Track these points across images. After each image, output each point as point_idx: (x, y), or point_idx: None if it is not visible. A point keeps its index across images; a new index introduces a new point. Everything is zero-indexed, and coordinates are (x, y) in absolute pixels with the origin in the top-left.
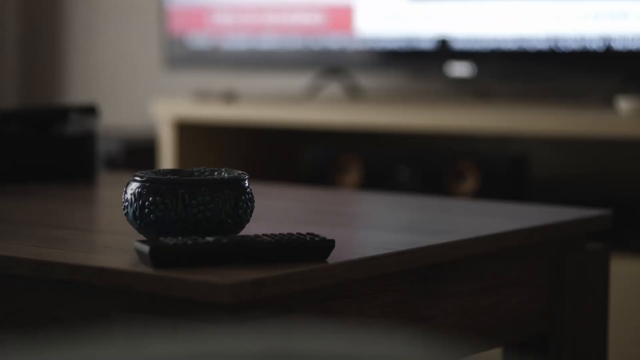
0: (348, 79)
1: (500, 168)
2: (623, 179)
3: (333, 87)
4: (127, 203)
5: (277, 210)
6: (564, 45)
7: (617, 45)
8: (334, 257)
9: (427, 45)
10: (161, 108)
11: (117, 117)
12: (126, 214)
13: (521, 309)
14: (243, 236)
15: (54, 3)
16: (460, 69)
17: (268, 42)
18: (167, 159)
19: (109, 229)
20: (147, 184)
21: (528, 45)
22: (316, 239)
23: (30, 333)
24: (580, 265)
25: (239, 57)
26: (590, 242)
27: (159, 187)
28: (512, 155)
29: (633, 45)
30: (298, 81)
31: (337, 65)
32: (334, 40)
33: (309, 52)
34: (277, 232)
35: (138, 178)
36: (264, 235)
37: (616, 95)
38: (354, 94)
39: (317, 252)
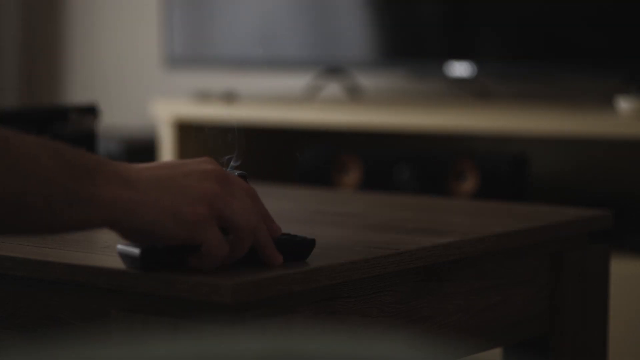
0: (348, 79)
1: (500, 168)
2: (623, 179)
3: (333, 87)
4: None
5: (276, 210)
6: (563, 45)
7: (617, 45)
8: (334, 257)
9: (427, 45)
10: (161, 108)
11: (117, 117)
12: None
13: (521, 309)
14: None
15: (54, 3)
16: (460, 69)
17: (268, 41)
18: (167, 159)
19: None
20: None
21: (528, 45)
22: (297, 239)
23: (30, 333)
24: (581, 265)
25: (239, 57)
26: (590, 242)
27: None
28: (512, 155)
29: (633, 45)
30: (298, 81)
31: (337, 65)
32: (334, 40)
33: (309, 52)
34: None
35: None
36: None
37: (616, 95)
38: (354, 94)
39: (299, 252)
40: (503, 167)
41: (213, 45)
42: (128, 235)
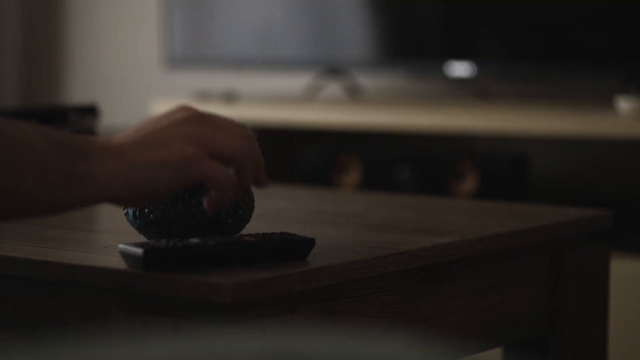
0: (348, 79)
1: (500, 168)
2: (623, 179)
3: (333, 87)
4: None
5: (277, 210)
6: (563, 45)
7: (617, 45)
8: (334, 257)
9: (427, 45)
10: (161, 108)
11: (117, 117)
12: (126, 214)
13: (521, 309)
14: (225, 237)
15: (54, 3)
16: (460, 69)
17: (268, 41)
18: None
19: (109, 229)
20: None
21: (528, 45)
22: (296, 238)
23: (30, 333)
24: (581, 265)
25: (239, 57)
26: (590, 242)
27: None
28: (512, 155)
29: (633, 45)
30: (298, 81)
31: (337, 65)
32: (334, 40)
33: (309, 52)
34: (261, 232)
35: None
36: (247, 235)
37: (616, 95)
38: (354, 94)
39: (299, 251)
40: (503, 167)
41: (213, 45)
42: (130, 203)
